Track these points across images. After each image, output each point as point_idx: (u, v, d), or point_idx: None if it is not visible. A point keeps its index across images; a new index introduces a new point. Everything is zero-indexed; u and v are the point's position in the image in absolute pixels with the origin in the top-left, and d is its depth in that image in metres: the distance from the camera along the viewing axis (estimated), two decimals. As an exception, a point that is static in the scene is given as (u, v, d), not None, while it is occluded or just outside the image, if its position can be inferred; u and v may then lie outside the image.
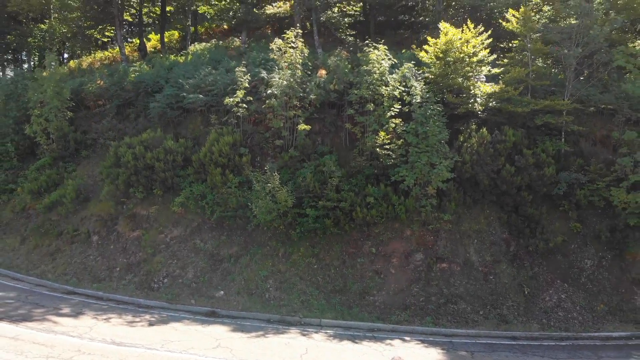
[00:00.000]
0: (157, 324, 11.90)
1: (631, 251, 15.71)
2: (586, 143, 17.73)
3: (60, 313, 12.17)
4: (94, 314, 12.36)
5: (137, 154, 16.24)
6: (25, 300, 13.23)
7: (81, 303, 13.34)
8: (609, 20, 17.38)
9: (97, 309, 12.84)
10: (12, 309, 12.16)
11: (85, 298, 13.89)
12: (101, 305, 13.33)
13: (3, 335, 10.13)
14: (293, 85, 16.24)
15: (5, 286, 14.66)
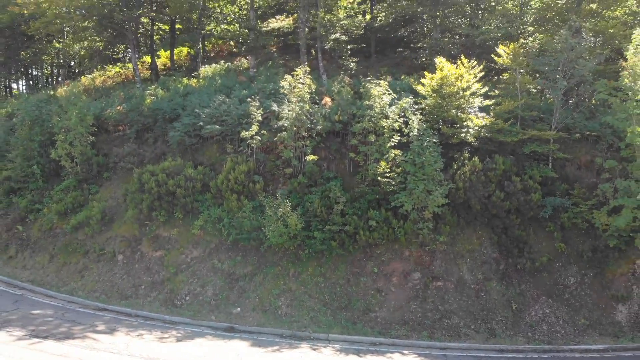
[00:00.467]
0: (184, 340, 13.41)
1: (611, 269, 17.21)
2: (571, 167, 19.23)
3: (97, 330, 13.68)
4: (127, 330, 13.87)
5: (160, 181, 17.78)
6: (63, 317, 14.73)
7: (113, 320, 14.85)
8: (594, 55, 18.91)
9: (129, 326, 14.35)
10: (54, 327, 13.67)
11: (115, 315, 15.40)
12: (131, 321, 14.84)
13: (52, 353, 11.65)
14: (302, 118, 17.76)
15: (41, 303, 16.18)
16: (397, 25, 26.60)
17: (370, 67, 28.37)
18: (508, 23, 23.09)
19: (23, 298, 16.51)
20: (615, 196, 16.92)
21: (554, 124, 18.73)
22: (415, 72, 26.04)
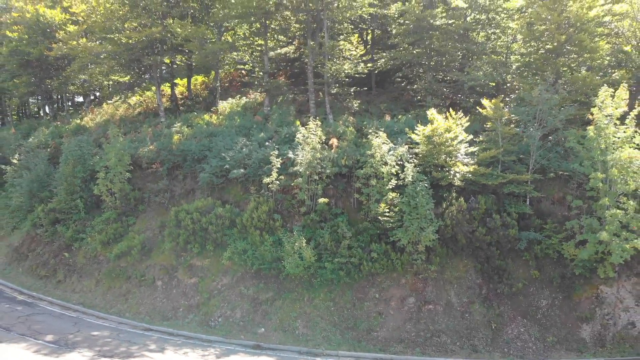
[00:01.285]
0: (222, 357, 16.49)
1: (577, 294, 20.24)
2: (546, 203, 22.31)
3: (150, 349, 16.76)
4: (174, 349, 16.94)
5: (194, 219, 20.91)
6: (119, 337, 17.82)
7: (160, 339, 17.93)
8: (565, 108, 21.97)
9: (174, 344, 17.42)
10: (115, 347, 16.75)
11: (160, 334, 18.48)
12: (175, 340, 17.92)
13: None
14: (314, 164, 20.85)
15: (97, 325, 19.26)
16: (395, 67, 29.70)
17: (371, 102, 31.62)
18: (494, 70, 26.17)
19: (80, 320, 19.61)
20: (581, 231, 19.95)
21: (532, 165, 21.81)
22: (412, 107, 29.34)
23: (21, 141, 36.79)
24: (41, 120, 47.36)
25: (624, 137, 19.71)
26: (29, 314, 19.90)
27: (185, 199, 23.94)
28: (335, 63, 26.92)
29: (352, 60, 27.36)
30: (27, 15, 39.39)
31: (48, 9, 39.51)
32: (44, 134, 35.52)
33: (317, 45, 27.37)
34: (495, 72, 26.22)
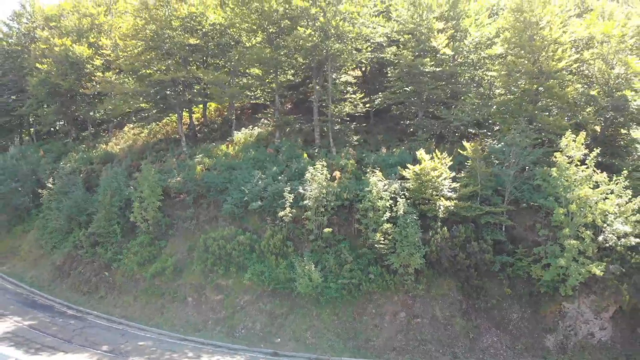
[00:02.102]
0: (253, 362, 20.30)
1: (543, 309, 23.98)
2: (519, 230, 26.05)
3: (188, 356, 20.57)
4: (207, 356, 20.75)
5: (220, 245, 24.73)
6: (161, 346, 21.62)
7: (195, 348, 21.73)
8: (535, 149, 25.70)
9: (206, 352, 21.23)
10: (160, 355, 20.56)
11: (194, 344, 22.28)
12: (207, 349, 21.72)
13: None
14: (320, 199, 24.65)
15: (140, 336, 23.08)
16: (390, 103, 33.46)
17: (369, 132, 35.38)
18: (476, 110, 29.93)
19: (126, 332, 23.44)
20: (546, 256, 23.69)
21: (507, 197, 25.59)
22: (406, 136, 33.10)
23: (53, 165, 40.81)
24: (64, 140, 51.22)
25: (583, 176, 23.45)
26: (82, 327, 23.76)
27: (209, 224, 27.79)
28: (338, 105, 30.74)
29: (352, 102, 31.16)
30: (56, 49, 43.32)
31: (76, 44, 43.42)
32: (74, 159, 39.47)
33: (321, 88, 31.22)
34: (477, 112, 30.00)
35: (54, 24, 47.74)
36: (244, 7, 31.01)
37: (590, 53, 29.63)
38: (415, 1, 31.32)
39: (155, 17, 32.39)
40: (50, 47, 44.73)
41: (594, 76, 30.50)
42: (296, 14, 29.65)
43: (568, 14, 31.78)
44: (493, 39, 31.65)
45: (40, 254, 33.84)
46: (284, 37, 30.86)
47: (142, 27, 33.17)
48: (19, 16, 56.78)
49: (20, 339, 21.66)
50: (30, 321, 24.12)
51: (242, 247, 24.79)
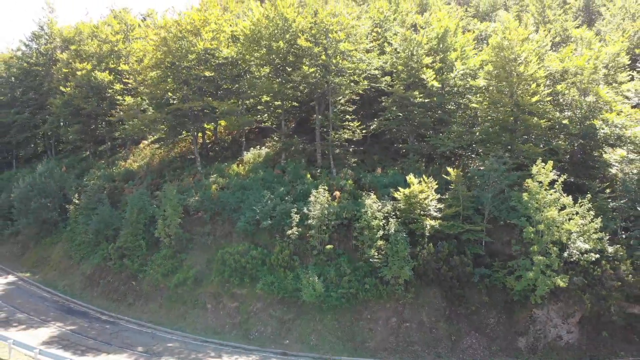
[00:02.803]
0: (267, 360, 23.98)
1: (516, 315, 27.58)
2: (496, 245, 29.66)
3: (211, 355, 24.23)
4: (227, 355, 24.42)
5: (235, 259, 28.42)
6: (187, 347, 25.28)
7: (216, 348, 25.39)
8: (509, 175, 29.30)
9: (226, 352, 24.90)
10: (188, 355, 24.22)
11: (215, 345, 25.94)
12: (226, 349, 25.38)
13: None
14: (322, 218, 28.30)
15: (168, 338, 26.74)
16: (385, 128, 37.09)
17: (366, 152, 38.99)
18: (461, 137, 33.52)
19: (155, 335, 27.12)
20: (518, 269, 27.28)
21: (486, 216, 29.20)
22: (399, 156, 36.70)
23: (78, 181, 44.57)
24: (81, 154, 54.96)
25: (551, 199, 27.06)
26: (117, 330, 27.46)
27: (224, 239, 31.48)
28: (337, 132, 34.45)
29: (350, 129, 34.86)
30: (78, 73, 47.19)
31: (96, 68, 47.22)
32: (97, 176, 43.21)
33: (323, 116, 34.92)
34: (462, 138, 33.60)
35: (74, 47, 51.50)
36: (254, 44, 34.69)
37: (563, 85, 33.32)
38: (407, 37, 34.98)
39: (174, 50, 36.07)
40: (72, 70, 48.60)
41: (568, 104, 34.17)
42: (300, 52, 33.30)
43: (545, 48, 35.51)
44: (477, 70, 35.27)
45: (69, 264, 37.57)
46: (290, 71, 34.57)
47: (161, 60, 36.89)
48: (38, 37, 60.78)
49: (66, 342, 25.36)
50: (71, 326, 27.83)
51: (255, 261, 28.47)
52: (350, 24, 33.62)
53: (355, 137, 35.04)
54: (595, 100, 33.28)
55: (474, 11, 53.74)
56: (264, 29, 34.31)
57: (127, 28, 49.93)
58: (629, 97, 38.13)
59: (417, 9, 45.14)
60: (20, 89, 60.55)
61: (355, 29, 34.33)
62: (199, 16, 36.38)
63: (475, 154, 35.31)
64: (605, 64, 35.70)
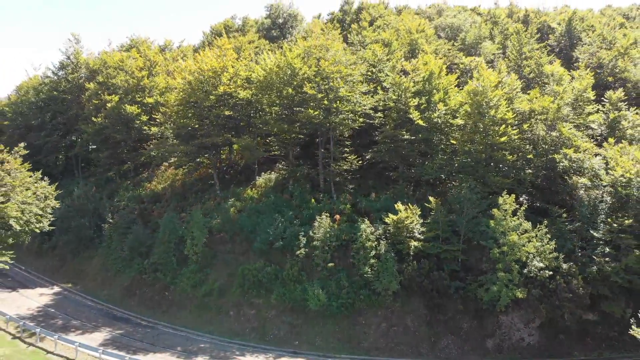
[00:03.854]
0: (277, 358, 29.83)
1: (485, 320, 33.45)
2: (470, 262, 35.55)
3: (236, 354, 30.17)
4: (249, 354, 30.34)
5: (253, 274, 34.39)
6: (216, 347, 31.21)
7: (239, 348, 31.32)
8: (481, 203, 35.18)
9: (248, 351, 30.82)
10: (217, 353, 30.15)
11: (238, 345, 31.86)
12: (248, 349, 31.30)
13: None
14: (325, 241, 34.23)
15: (199, 340, 32.66)
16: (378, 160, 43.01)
17: (362, 177, 44.88)
18: (442, 168, 39.41)
19: (189, 337, 33.07)
20: (486, 283, 33.13)
21: (462, 238, 35.11)
22: (391, 182, 42.60)
23: (110, 202, 50.61)
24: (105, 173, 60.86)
25: (513, 225, 32.91)
26: (157, 334, 33.41)
27: (242, 256, 37.43)
28: (337, 163, 40.46)
29: (349, 161, 40.86)
30: (108, 105, 53.23)
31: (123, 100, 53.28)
32: (126, 197, 49.25)
33: (324, 149, 40.89)
34: (443, 168, 39.50)
35: (102, 79, 57.53)
36: (266, 88, 40.69)
37: (530, 123, 39.21)
38: (396, 82, 40.90)
39: (197, 92, 42.08)
40: (101, 102, 54.68)
41: (535, 139, 40.03)
42: (306, 97, 39.28)
43: (515, 91, 41.39)
44: (457, 109, 41.12)
45: (107, 276, 43.58)
46: (297, 111, 40.56)
47: (186, 99, 42.92)
48: (65, 66, 66.97)
49: (118, 344, 31.33)
50: (119, 330, 33.81)
51: (269, 276, 34.43)
52: (348, 72, 39.59)
53: (353, 167, 40.99)
54: (558, 135, 39.17)
55: (461, 44, 59.51)
56: (275, 76, 40.33)
57: (151, 64, 55.93)
58: (594, 127, 44.23)
59: (408, 47, 51.04)
60: (49, 113, 66.76)
61: (352, 76, 40.30)
62: (219, 63, 42.36)
63: (456, 181, 41.22)
64: (569, 102, 41.79)
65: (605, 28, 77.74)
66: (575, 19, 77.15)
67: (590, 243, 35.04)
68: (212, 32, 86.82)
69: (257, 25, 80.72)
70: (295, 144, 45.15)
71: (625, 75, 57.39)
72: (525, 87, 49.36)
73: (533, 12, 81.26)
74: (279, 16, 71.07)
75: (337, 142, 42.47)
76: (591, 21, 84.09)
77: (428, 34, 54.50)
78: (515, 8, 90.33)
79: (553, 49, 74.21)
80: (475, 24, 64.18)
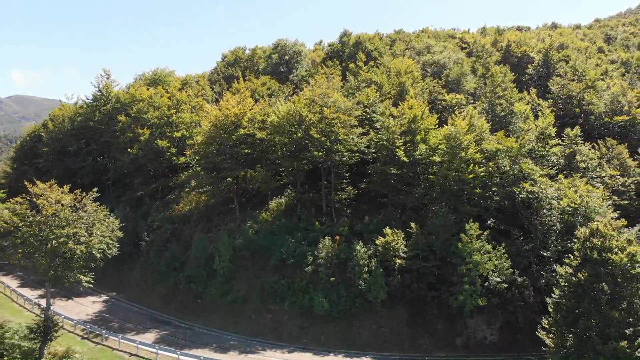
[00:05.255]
0: (291, 352, 38.56)
1: (455, 323, 42.10)
2: (444, 275, 44.21)
3: (259, 350, 38.90)
4: (269, 349, 39.09)
5: (271, 286, 43.12)
6: (243, 344, 39.95)
7: (261, 344, 40.04)
8: (453, 227, 43.83)
9: (268, 347, 39.54)
10: (244, 349, 38.86)
11: (259, 342, 40.57)
12: (267, 345, 39.99)
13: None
14: (327, 259, 42.94)
15: (229, 339, 41.39)
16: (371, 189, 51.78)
17: (358, 203, 53.58)
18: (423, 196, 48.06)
19: (220, 336, 41.80)
20: (456, 293, 41.78)
21: (437, 256, 43.79)
22: (383, 207, 51.29)
23: (144, 221, 59.49)
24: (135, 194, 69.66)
25: (477, 247, 41.58)
26: (195, 334, 42.16)
27: (261, 271, 46.16)
28: (337, 193, 49.28)
29: (347, 192, 49.65)
30: (142, 138, 62.17)
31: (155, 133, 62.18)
32: (159, 218, 58.15)
33: (326, 181, 49.67)
34: (423, 197, 48.15)
35: (134, 114, 66.48)
36: (279, 131, 49.49)
37: (494, 162, 47.85)
38: (386, 126, 49.58)
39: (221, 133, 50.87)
40: (135, 135, 63.64)
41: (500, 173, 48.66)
42: (311, 139, 48.03)
43: (485, 133, 50.02)
44: (436, 148, 49.72)
45: (146, 286, 52.39)
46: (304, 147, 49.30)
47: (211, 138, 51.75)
48: (98, 99, 76.00)
49: (167, 342, 40.04)
50: (165, 331, 42.57)
51: (283, 287, 43.15)
52: (346, 119, 48.36)
53: (350, 196, 49.76)
54: (520, 170, 47.81)
55: (444, 82, 68.17)
56: (286, 121, 49.12)
57: (177, 102, 64.82)
58: (554, 160, 52.87)
59: (397, 89, 59.73)
60: (83, 140, 75.75)
61: (350, 121, 49.05)
62: (239, 109, 51.19)
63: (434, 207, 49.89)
64: (534, 137, 50.46)
65: (579, 58, 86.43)
66: (552, 50, 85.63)
67: (542, 260, 43.73)
68: (224, 60, 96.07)
69: (265, 57, 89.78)
70: (301, 174, 53.90)
71: (591, 108, 66.06)
72: (498, 122, 58.32)
73: (514, 43, 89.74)
74: (286, 53, 79.92)
75: (336, 174, 51.23)
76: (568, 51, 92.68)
77: (415, 75, 63.12)
78: (500, 37, 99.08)
79: (531, 77, 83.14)
80: (458, 62, 72.70)
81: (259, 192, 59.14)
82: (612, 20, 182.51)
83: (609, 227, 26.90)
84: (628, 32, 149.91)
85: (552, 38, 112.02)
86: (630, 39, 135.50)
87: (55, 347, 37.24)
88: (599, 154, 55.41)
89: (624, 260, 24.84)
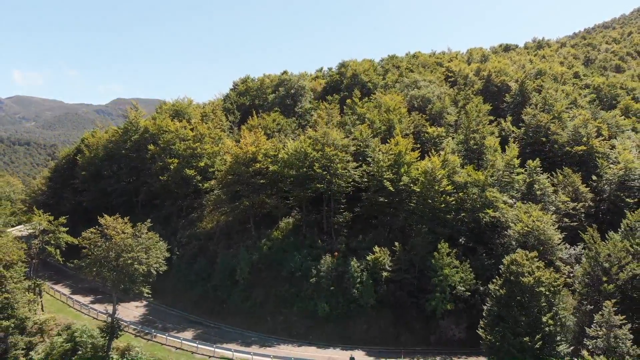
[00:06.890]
0: (300, 346, 49.43)
1: (430, 323, 52.87)
2: (423, 284, 55.09)
3: (275, 345, 49.76)
4: (284, 344, 49.95)
5: (283, 293, 54.04)
6: (262, 340, 50.84)
7: (277, 340, 50.88)
8: (429, 245, 54.68)
9: (282, 343, 50.40)
10: (262, 344, 49.73)
11: (275, 339, 51.43)
12: (282, 341, 50.84)
13: (277, 355, 47.77)
14: (327, 272, 53.77)
15: (250, 335, 52.27)
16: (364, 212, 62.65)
17: (353, 223, 64.48)
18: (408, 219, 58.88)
19: (242, 334, 52.73)
20: (430, 299, 52.54)
21: (417, 269, 54.60)
22: (375, 227, 62.17)
23: (173, 238, 70.57)
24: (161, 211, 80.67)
25: (447, 263, 52.38)
26: (223, 332, 53.06)
27: (274, 281, 57.06)
28: (336, 216, 60.29)
29: (344, 217, 60.65)
30: (171, 167, 73.33)
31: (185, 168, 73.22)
32: (186, 235, 69.27)
33: (327, 207, 60.66)
34: (406, 220, 58.97)
35: (163, 144, 77.56)
36: (288, 165, 60.47)
37: (463, 192, 58.70)
38: (375, 160, 60.46)
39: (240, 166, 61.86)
40: (165, 164, 74.79)
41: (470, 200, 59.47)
42: (314, 173, 58.98)
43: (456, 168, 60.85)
44: (417, 179, 60.52)
45: (178, 293, 63.40)
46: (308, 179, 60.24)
47: (231, 169, 62.78)
48: (127, 131, 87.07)
49: (202, 338, 50.90)
50: (199, 330, 53.50)
51: (293, 294, 54.06)
52: (343, 156, 59.32)
53: (346, 220, 60.75)
54: (485, 198, 58.63)
55: (428, 115, 78.96)
56: (294, 157, 60.08)
57: (201, 136, 75.83)
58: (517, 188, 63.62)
59: (386, 126, 70.61)
60: (115, 165, 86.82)
61: (347, 156, 60.01)
62: (255, 148, 62.22)
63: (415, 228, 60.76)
64: (502, 167, 61.32)
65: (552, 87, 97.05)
66: (528, 80, 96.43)
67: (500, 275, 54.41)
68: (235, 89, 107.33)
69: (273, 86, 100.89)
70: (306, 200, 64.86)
71: (556, 137, 76.62)
72: (471, 154, 69.18)
73: (494, 72, 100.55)
74: (291, 87, 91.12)
75: (335, 201, 62.17)
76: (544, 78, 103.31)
77: (402, 112, 73.96)
78: (482, 65, 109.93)
79: (509, 105, 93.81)
80: (441, 97, 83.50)
81: (271, 213, 70.14)
82: (597, 36, 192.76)
83: (524, 257, 37.66)
84: (610, 50, 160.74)
85: (533, 63, 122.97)
86: (610, 59, 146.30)
87: (118, 343, 48.22)
88: (557, 181, 66.07)
89: (531, 282, 35.49)
